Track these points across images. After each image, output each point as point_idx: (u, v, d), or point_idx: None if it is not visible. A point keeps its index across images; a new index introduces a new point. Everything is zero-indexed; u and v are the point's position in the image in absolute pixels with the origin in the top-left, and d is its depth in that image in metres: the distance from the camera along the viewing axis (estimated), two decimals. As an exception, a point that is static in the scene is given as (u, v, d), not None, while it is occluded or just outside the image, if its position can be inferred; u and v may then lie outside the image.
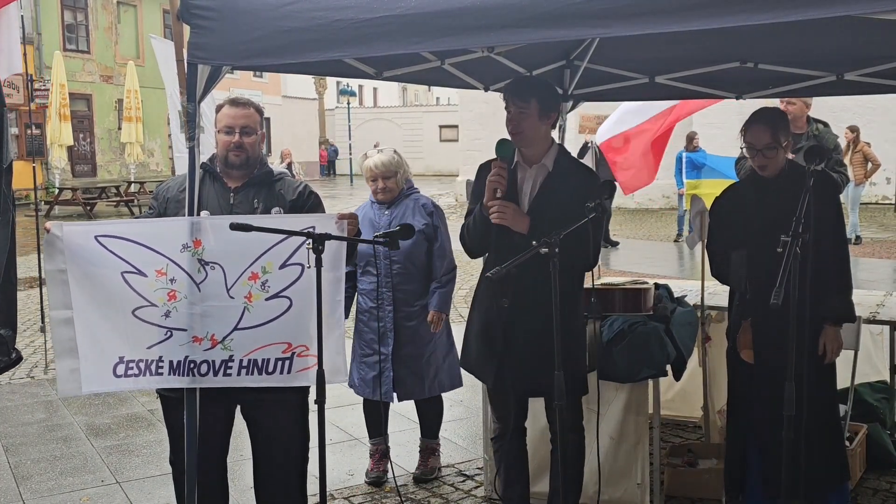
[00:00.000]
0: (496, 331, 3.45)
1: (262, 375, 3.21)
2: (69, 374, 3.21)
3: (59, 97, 19.55)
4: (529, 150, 3.44)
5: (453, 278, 4.55)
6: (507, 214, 3.32)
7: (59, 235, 3.16)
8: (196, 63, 3.04)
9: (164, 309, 3.17)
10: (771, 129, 3.48)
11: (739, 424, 3.72)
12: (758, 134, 3.49)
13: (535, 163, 3.44)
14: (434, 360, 4.54)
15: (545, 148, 3.45)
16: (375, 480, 4.65)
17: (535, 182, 3.43)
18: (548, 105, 3.39)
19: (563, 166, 3.44)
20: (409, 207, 4.48)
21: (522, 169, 3.46)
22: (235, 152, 3.36)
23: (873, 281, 10.42)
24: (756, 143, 3.50)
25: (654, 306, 4.10)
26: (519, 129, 3.38)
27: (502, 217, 3.32)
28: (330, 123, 45.87)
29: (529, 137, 3.39)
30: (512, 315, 3.40)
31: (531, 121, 3.36)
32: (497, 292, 3.41)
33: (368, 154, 4.57)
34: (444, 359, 4.58)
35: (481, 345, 3.56)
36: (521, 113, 3.35)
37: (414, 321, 4.47)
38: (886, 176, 19.55)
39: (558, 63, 4.58)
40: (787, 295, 2.83)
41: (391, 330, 4.44)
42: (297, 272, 3.17)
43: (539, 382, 3.35)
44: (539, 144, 3.43)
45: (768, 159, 3.50)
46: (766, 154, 3.49)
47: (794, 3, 2.28)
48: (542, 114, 3.37)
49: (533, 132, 3.39)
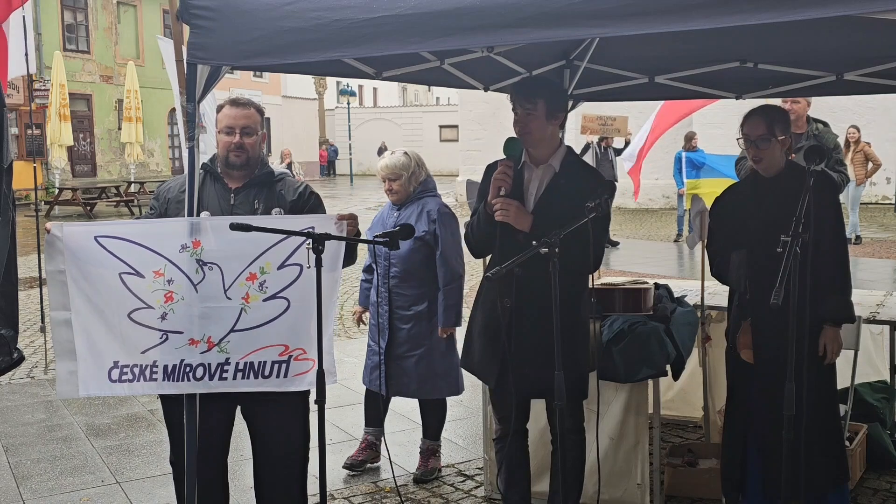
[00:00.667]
0: (498, 331, 3.43)
1: (259, 379, 3.20)
2: (68, 376, 3.21)
3: (58, 97, 19.55)
4: (537, 150, 3.44)
5: (457, 288, 4.50)
6: (510, 212, 3.32)
7: (60, 236, 3.15)
8: (196, 63, 3.04)
9: (160, 311, 3.16)
10: (766, 121, 3.48)
11: (738, 425, 3.72)
12: (753, 125, 3.50)
13: (543, 163, 3.45)
14: (428, 364, 4.53)
15: (553, 148, 3.45)
16: (350, 466, 4.73)
17: (542, 182, 3.43)
18: (555, 105, 3.40)
19: (571, 167, 3.44)
20: (416, 212, 4.51)
21: (529, 169, 3.46)
22: (236, 153, 3.35)
23: (873, 281, 10.42)
24: (751, 133, 3.50)
25: (654, 306, 4.10)
26: (527, 130, 3.38)
27: (505, 214, 3.32)
28: (330, 123, 45.87)
29: (537, 138, 3.40)
30: (514, 316, 3.40)
31: (539, 122, 3.36)
32: (500, 292, 3.40)
33: (383, 154, 4.65)
34: (441, 363, 4.57)
35: (483, 345, 3.55)
36: (528, 114, 3.35)
37: (408, 325, 4.49)
38: (886, 176, 19.55)
39: (558, 63, 4.58)
40: (787, 295, 2.83)
41: (387, 328, 4.49)
42: (295, 273, 3.16)
43: (541, 384, 3.34)
44: (546, 145, 3.44)
45: (762, 151, 3.49)
46: (759, 146, 3.48)
47: (794, 3, 2.28)
48: (549, 114, 3.37)
49: (540, 133, 3.39)
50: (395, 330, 4.50)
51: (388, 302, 4.48)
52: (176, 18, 3.06)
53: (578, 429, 3.58)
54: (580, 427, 3.59)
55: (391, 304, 4.49)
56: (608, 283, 4.48)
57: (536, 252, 2.96)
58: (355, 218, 3.23)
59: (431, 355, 4.52)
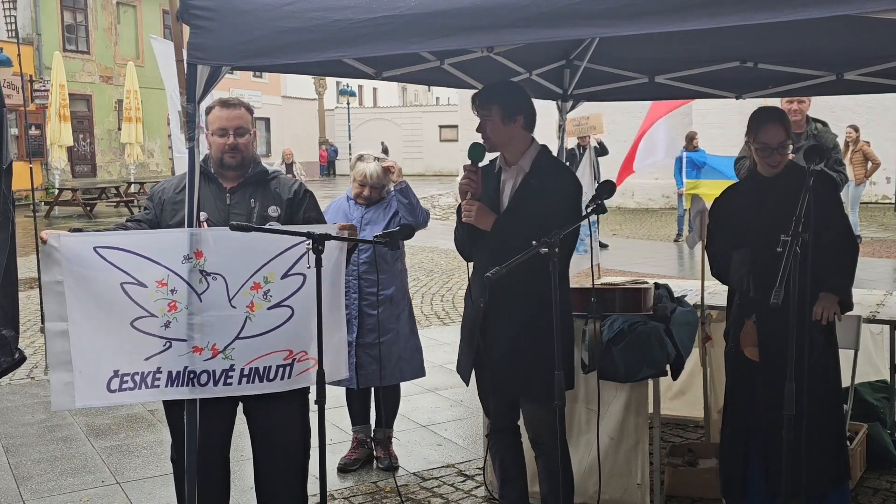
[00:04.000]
0: (473, 331, 3.51)
1: (263, 383, 3.21)
2: (63, 387, 3.16)
3: (58, 98, 19.55)
4: (506, 152, 3.52)
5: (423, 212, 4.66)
6: (472, 213, 3.41)
7: (57, 247, 3.08)
8: (195, 63, 3.03)
9: (163, 319, 3.14)
10: (784, 127, 3.53)
11: (737, 424, 3.72)
12: (773, 133, 3.52)
13: (514, 164, 3.51)
14: (395, 349, 4.64)
15: (523, 149, 3.50)
16: (343, 467, 4.76)
17: (515, 182, 3.49)
18: (510, 109, 3.43)
19: (541, 166, 3.48)
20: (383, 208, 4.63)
21: (505, 171, 3.53)
22: (231, 154, 3.36)
23: (873, 280, 10.42)
24: (772, 141, 3.51)
25: (654, 306, 4.10)
26: (486, 136, 3.48)
27: (468, 216, 3.42)
28: (330, 123, 45.87)
29: (496, 142, 3.48)
30: (488, 315, 3.45)
31: (495, 126, 3.44)
32: (475, 292, 3.49)
33: (365, 157, 4.64)
34: (405, 348, 4.69)
35: (462, 344, 3.64)
36: (485, 119, 3.46)
37: (376, 310, 4.58)
38: (886, 175, 19.56)
39: (558, 63, 4.58)
40: (787, 295, 2.83)
41: (355, 317, 4.56)
42: (299, 282, 3.18)
43: (513, 384, 3.41)
44: (513, 146, 3.49)
45: (783, 157, 3.52)
46: (781, 152, 3.52)
47: (794, 2, 2.27)
48: (505, 117, 3.42)
49: (498, 137, 3.46)
50: (364, 317, 4.58)
51: (357, 289, 4.56)
52: (176, 19, 3.05)
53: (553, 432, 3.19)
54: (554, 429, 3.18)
55: (360, 290, 4.57)
56: (608, 283, 4.48)
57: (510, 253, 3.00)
58: (355, 229, 3.32)
59: (397, 340, 4.64)
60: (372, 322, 4.57)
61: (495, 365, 3.45)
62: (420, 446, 5.17)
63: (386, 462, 4.78)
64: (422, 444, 5.22)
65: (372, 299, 4.58)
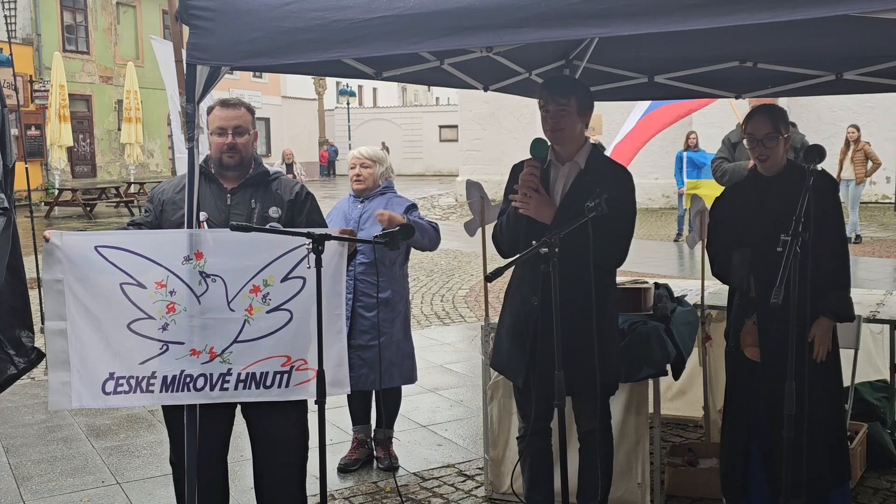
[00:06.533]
0: (526, 329, 3.42)
1: (260, 389, 3.20)
2: (60, 387, 3.17)
3: (58, 98, 19.57)
4: (564, 148, 3.44)
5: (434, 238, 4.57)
6: (530, 204, 3.32)
7: (59, 245, 3.10)
8: (195, 63, 3.03)
9: (161, 322, 3.14)
10: (771, 120, 3.50)
11: (738, 424, 3.72)
12: (758, 124, 3.51)
13: (568, 160, 3.44)
14: (386, 353, 4.60)
15: (579, 146, 3.45)
16: (343, 467, 4.76)
17: (568, 179, 3.43)
18: (585, 103, 3.41)
19: (596, 164, 3.44)
20: (383, 204, 4.60)
21: (555, 167, 3.46)
22: (229, 154, 3.36)
23: (873, 280, 10.42)
24: (756, 132, 3.50)
25: (654, 306, 4.11)
26: (559, 126, 3.37)
27: (525, 207, 3.33)
28: (330, 124, 45.88)
29: (569, 135, 3.40)
30: (541, 313, 3.37)
31: (571, 118, 3.37)
32: (527, 290, 3.41)
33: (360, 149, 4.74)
34: (396, 353, 4.65)
35: (511, 343, 3.53)
36: (561, 110, 3.36)
37: (371, 312, 4.54)
38: (886, 175, 19.55)
39: (558, 63, 4.58)
40: (787, 294, 2.83)
41: (348, 318, 4.50)
42: (298, 285, 3.18)
43: (568, 381, 3.30)
44: (574, 142, 3.44)
45: (769, 149, 3.49)
46: (766, 144, 3.49)
47: (794, 2, 2.27)
48: (581, 111, 3.38)
49: (572, 130, 3.39)
50: (358, 318, 4.54)
51: (352, 290, 4.53)
52: (175, 19, 3.06)
53: (606, 426, 3.59)
54: (608, 424, 3.60)
55: (356, 291, 4.54)
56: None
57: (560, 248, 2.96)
58: (354, 234, 3.34)
59: (389, 344, 4.61)
60: (365, 324, 4.53)
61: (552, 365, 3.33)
62: (420, 446, 5.18)
63: (386, 462, 4.78)
64: (422, 444, 5.22)
65: (367, 301, 4.53)
